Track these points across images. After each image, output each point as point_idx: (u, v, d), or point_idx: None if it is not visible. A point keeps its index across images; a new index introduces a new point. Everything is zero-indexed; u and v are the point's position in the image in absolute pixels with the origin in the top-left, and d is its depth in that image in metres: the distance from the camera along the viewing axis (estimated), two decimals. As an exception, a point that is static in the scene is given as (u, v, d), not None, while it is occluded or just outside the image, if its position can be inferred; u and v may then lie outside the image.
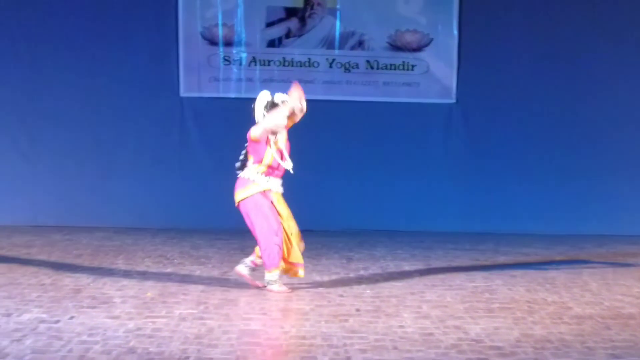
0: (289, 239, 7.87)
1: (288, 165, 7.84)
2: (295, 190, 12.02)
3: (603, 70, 12.74)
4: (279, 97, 7.89)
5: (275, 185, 7.89)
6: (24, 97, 12.47)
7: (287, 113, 7.85)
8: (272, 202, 7.83)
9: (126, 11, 12.53)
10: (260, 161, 7.81)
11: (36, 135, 12.54)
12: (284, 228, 7.83)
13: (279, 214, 7.84)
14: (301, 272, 7.97)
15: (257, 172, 7.83)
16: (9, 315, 6.83)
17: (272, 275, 7.83)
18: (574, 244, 11.58)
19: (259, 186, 7.82)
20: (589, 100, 12.78)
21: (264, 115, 7.82)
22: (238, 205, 7.93)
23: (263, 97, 7.87)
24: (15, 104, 12.47)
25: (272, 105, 7.84)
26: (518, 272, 9.34)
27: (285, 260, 7.89)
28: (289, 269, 7.97)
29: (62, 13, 12.46)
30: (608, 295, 8.10)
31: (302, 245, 8.01)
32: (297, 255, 7.92)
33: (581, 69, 12.73)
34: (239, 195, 7.87)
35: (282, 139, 7.91)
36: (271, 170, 7.84)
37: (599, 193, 12.73)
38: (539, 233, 12.38)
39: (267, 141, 7.80)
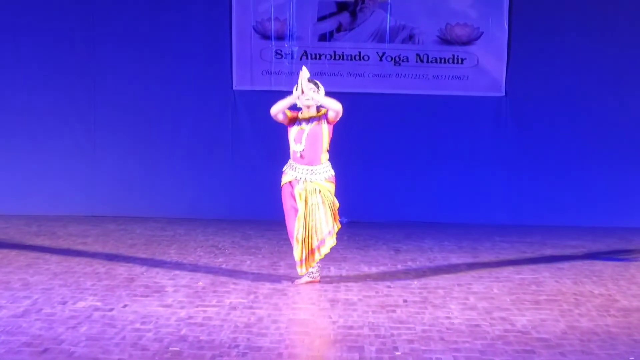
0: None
1: (297, 147, 7.79)
2: (345, 181, 12.05)
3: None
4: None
5: (303, 173, 7.79)
6: (82, 89, 12.57)
7: (294, 98, 7.83)
8: (294, 194, 7.81)
9: (181, 6, 12.60)
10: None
11: (93, 127, 12.64)
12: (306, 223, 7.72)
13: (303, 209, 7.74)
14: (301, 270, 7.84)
15: (289, 160, 7.94)
16: (64, 303, 6.93)
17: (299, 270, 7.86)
18: (622, 237, 11.44)
19: (285, 177, 7.91)
20: (640, 93, 12.64)
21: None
22: None
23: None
24: (72, 96, 12.58)
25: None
26: (565, 265, 9.28)
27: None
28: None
29: (119, 6, 12.56)
30: (655, 288, 8.04)
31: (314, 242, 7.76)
32: (294, 253, 7.81)
33: (633, 62, 12.54)
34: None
35: (311, 124, 7.83)
36: (295, 154, 7.83)
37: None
38: (587, 225, 12.25)
39: (291, 124, 7.86)
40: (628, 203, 12.55)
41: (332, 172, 7.91)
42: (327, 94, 7.95)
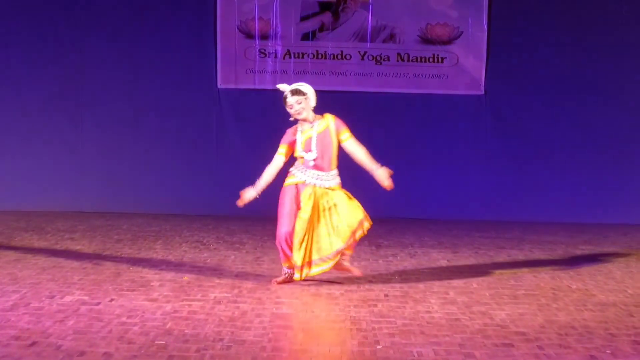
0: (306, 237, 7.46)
1: (308, 156, 7.51)
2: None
3: (634, 61, 12.61)
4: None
5: (312, 178, 7.53)
6: (69, 86, 12.55)
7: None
8: (297, 198, 7.51)
9: (167, 5, 12.58)
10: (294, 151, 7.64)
11: (80, 124, 12.62)
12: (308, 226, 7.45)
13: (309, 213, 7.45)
14: (296, 275, 7.51)
15: (297, 163, 7.66)
16: (52, 297, 6.90)
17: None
18: (598, 233, 11.49)
19: (292, 178, 7.61)
20: (618, 92, 12.64)
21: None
22: None
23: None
24: (59, 93, 12.56)
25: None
26: (543, 260, 9.32)
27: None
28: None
29: (104, 5, 12.52)
30: (631, 282, 8.04)
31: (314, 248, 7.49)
32: (295, 257, 7.49)
33: (611, 60, 12.59)
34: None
35: (316, 129, 7.57)
36: (306, 162, 7.57)
37: (624, 183, 12.63)
38: (564, 221, 12.31)
39: (295, 133, 7.62)
40: (604, 199, 12.62)
41: (338, 180, 7.71)
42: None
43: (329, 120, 7.66)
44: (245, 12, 12.60)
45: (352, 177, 12.15)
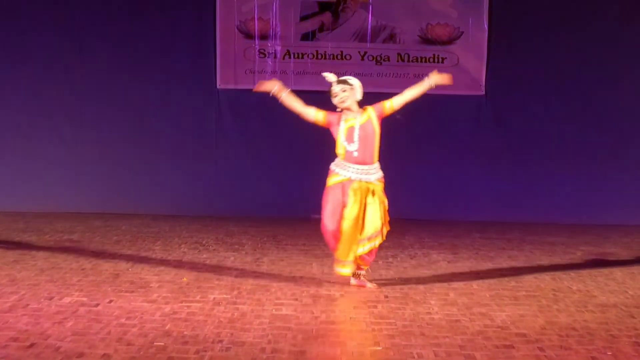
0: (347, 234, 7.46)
1: (350, 147, 7.43)
2: (325, 180, 12.04)
3: (635, 62, 12.61)
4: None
5: (356, 173, 7.45)
6: (67, 87, 12.54)
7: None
8: (343, 196, 7.42)
9: (166, 5, 12.57)
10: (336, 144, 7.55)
11: (79, 124, 12.61)
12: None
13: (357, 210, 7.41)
14: (340, 270, 7.56)
15: (337, 159, 7.57)
16: (51, 298, 6.90)
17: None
18: (599, 234, 11.49)
19: (335, 177, 7.52)
20: (619, 92, 12.64)
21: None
22: None
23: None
24: (58, 93, 12.54)
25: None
26: (544, 261, 9.32)
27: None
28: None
29: (103, 5, 12.52)
30: (632, 284, 8.06)
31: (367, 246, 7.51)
32: (341, 252, 7.51)
33: (612, 60, 12.59)
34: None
35: (359, 120, 7.54)
36: (347, 154, 7.47)
37: (625, 183, 12.63)
38: (565, 222, 12.31)
39: (335, 124, 7.56)
40: (605, 200, 12.61)
41: (381, 173, 7.61)
42: (310, 92, 7.90)
43: (370, 111, 7.64)
44: (245, 13, 12.60)
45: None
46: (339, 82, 7.64)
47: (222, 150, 12.68)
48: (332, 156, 7.70)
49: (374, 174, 7.54)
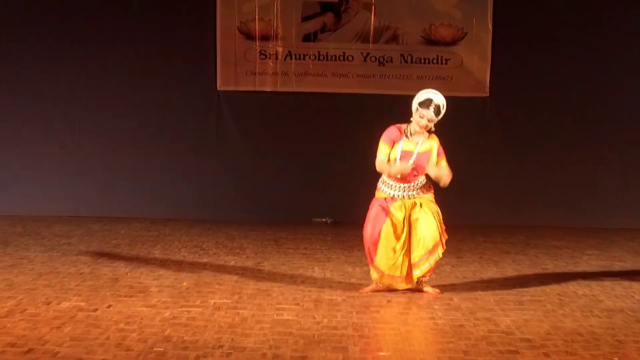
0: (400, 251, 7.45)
1: (394, 168, 7.46)
2: (329, 182, 12.05)
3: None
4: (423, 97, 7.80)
5: (400, 191, 7.53)
6: (66, 90, 12.54)
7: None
8: (388, 211, 7.47)
9: (166, 6, 12.58)
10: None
11: (77, 127, 12.61)
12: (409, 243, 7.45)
13: (396, 226, 7.43)
14: (400, 284, 7.52)
15: (384, 177, 7.64)
16: (48, 303, 6.91)
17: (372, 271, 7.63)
18: (605, 237, 11.48)
19: (380, 193, 7.61)
20: (625, 93, 12.64)
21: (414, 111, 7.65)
22: None
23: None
24: (57, 97, 12.54)
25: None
26: (549, 265, 9.32)
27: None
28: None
29: (102, 7, 12.52)
30: (639, 288, 8.04)
31: (424, 263, 7.48)
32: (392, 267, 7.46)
33: (618, 61, 12.58)
34: None
35: (420, 147, 7.61)
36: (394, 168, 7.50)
37: (632, 186, 12.62)
38: (570, 226, 12.29)
39: (396, 141, 7.61)
40: (611, 203, 12.59)
41: (429, 187, 7.70)
42: (312, 94, 7.90)
43: (434, 143, 7.72)
44: (246, 13, 12.59)
45: (353, 178, 12.22)
46: (439, 111, 7.79)
47: (222, 153, 12.67)
48: (333, 159, 7.72)
49: (420, 187, 7.61)
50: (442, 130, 12.55)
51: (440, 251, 7.57)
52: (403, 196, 7.53)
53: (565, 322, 6.64)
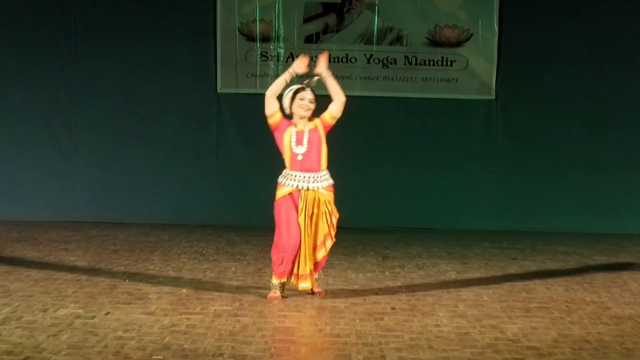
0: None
1: (298, 149, 7.51)
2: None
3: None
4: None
5: (303, 181, 7.51)
6: (64, 94, 12.56)
7: (290, 73, 7.76)
8: (296, 207, 7.48)
9: (165, 7, 12.59)
10: (282, 152, 7.64)
11: (75, 131, 12.62)
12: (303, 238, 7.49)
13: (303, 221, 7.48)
14: (301, 284, 7.57)
15: (285, 170, 7.61)
16: (45, 310, 6.91)
17: (273, 280, 7.66)
18: (613, 243, 11.46)
19: (283, 189, 7.54)
20: (634, 97, 12.63)
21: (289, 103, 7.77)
22: None
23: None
24: (54, 100, 12.56)
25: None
26: (556, 271, 9.31)
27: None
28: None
29: (101, 8, 12.54)
30: (648, 295, 8.07)
31: (319, 255, 7.63)
32: (300, 267, 7.53)
33: (626, 64, 12.57)
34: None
35: (308, 126, 7.64)
36: (294, 161, 7.53)
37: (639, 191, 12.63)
38: (578, 231, 12.27)
39: (287, 127, 7.64)
40: (619, 208, 12.57)
41: (331, 181, 7.65)
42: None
43: (317, 121, 7.71)
44: (246, 14, 12.61)
45: (355, 183, 12.22)
46: (313, 90, 7.77)
47: (223, 157, 12.68)
48: (335, 163, 7.73)
49: (322, 181, 7.59)
50: (447, 133, 12.67)
51: (328, 245, 7.67)
52: (308, 187, 7.50)
53: (573, 329, 6.64)
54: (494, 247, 11.03)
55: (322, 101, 7.73)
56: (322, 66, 7.76)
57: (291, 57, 12.55)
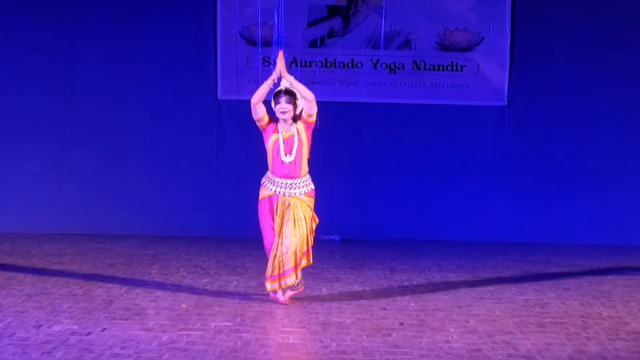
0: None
1: (287, 158, 7.90)
2: (337, 197, 12.03)
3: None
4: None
5: (282, 187, 7.94)
6: (59, 104, 12.57)
7: (271, 80, 8.05)
8: (274, 210, 7.91)
9: (163, 10, 12.60)
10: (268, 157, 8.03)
11: (70, 142, 12.63)
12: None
13: (279, 224, 7.90)
14: (267, 285, 7.99)
15: (267, 172, 8.06)
16: (39, 326, 6.92)
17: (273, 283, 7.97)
18: (631, 255, 11.46)
19: (264, 191, 8.01)
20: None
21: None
22: None
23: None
24: (49, 111, 12.57)
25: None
26: (571, 285, 9.30)
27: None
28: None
29: (98, 16, 12.55)
30: (667, 310, 8.06)
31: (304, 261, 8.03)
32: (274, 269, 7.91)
33: (640, 69, 12.62)
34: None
35: (295, 130, 7.97)
36: (277, 167, 7.94)
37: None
38: (594, 243, 12.26)
39: (273, 131, 7.99)
40: (637, 220, 12.54)
41: (312, 186, 8.02)
42: (318, 103, 7.96)
43: (299, 123, 8.00)
44: (248, 17, 12.62)
45: (362, 194, 12.24)
46: (287, 92, 8.02)
47: (223, 166, 12.68)
48: (340, 172, 7.76)
49: (302, 187, 7.95)
50: (457, 141, 12.66)
51: (304, 261, 8.02)
52: (284, 193, 7.89)
53: (589, 345, 6.64)
54: (507, 259, 11.03)
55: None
56: (279, 70, 8.11)
57: (295, 63, 12.57)
